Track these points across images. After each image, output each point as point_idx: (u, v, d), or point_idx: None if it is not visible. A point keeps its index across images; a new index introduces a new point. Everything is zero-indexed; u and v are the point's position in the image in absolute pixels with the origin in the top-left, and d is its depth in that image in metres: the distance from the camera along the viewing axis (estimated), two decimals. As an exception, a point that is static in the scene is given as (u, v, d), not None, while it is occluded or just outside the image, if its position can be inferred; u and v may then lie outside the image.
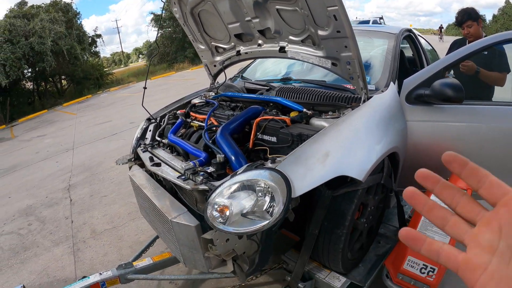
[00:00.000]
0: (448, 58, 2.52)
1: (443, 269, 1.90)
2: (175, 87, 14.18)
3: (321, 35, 2.29)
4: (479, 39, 2.64)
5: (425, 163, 2.41)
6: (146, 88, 3.03)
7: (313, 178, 1.77)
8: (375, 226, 2.51)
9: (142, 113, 3.21)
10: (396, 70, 2.76)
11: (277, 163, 1.78)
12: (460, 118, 2.45)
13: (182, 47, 27.16)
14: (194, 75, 19.04)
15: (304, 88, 2.68)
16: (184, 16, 3.12)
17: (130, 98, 14.58)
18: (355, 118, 2.14)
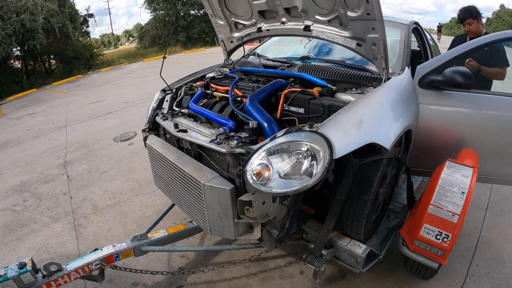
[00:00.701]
0: (458, 49, 2.73)
1: (456, 236, 2.04)
2: (169, 69, 14.06)
3: (350, 16, 2.38)
4: (485, 35, 2.84)
5: (431, 144, 2.76)
6: (166, 57, 3.08)
7: (351, 142, 1.88)
8: (387, 201, 2.68)
9: (137, 94, 3.24)
10: (409, 56, 2.96)
11: (316, 128, 1.87)
12: (467, 104, 2.68)
13: (175, 31, 26.91)
14: (187, 58, 18.95)
15: (326, 66, 2.77)
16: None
17: (123, 78, 14.42)
18: (380, 93, 2.29)
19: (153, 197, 3.97)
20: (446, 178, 2.16)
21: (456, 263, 2.86)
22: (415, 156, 2.86)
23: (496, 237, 3.28)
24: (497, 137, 2.73)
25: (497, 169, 2.89)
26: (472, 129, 2.73)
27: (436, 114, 2.72)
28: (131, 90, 10.85)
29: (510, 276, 2.83)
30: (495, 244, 3.18)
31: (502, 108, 2.68)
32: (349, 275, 2.72)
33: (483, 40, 2.70)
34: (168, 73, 10.55)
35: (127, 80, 13.59)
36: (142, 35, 30.00)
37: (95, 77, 16.73)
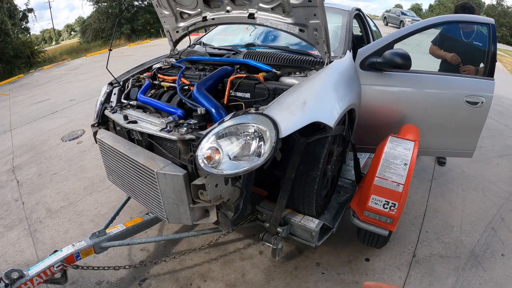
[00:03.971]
0: (397, 32, 2.95)
1: (402, 204, 2.21)
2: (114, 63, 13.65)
3: (293, 3, 2.47)
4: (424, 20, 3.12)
5: (374, 122, 2.96)
6: (112, 50, 3.02)
7: (296, 122, 1.99)
8: (336, 177, 2.84)
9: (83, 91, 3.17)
10: (350, 40, 3.12)
11: (262, 110, 1.95)
12: (407, 83, 2.92)
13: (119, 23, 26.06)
14: (132, 51, 18.43)
15: (270, 52, 2.85)
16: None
17: (67, 75, 13.86)
18: (322, 75, 2.43)
19: (107, 194, 3.91)
20: (389, 152, 2.31)
21: (407, 231, 3.06)
22: (360, 134, 3.05)
23: (442, 205, 3.53)
24: (435, 113, 2.99)
25: (437, 142, 3.13)
26: (412, 106, 2.96)
27: (377, 93, 2.91)
28: (76, 87, 10.43)
29: (458, 239, 3.08)
30: (442, 211, 3.42)
31: (439, 85, 2.93)
32: (306, 251, 2.85)
33: (421, 24, 2.94)
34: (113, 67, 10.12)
35: (71, 77, 13.07)
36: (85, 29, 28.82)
37: (38, 76, 15.92)
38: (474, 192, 3.91)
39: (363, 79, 2.88)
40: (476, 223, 3.35)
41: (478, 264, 2.85)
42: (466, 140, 3.13)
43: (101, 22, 26.86)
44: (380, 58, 2.76)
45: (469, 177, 4.24)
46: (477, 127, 3.07)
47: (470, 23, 3.34)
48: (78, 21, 38.81)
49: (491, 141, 5.84)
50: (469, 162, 4.58)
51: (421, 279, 2.66)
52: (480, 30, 3.30)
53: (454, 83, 2.96)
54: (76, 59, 20.00)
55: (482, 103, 2.93)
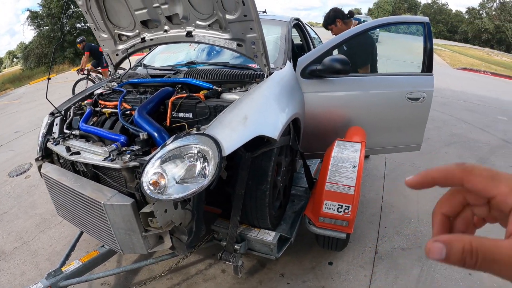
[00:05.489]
0: (335, 39, 3.03)
1: (356, 205, 2.24)
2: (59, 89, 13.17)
3: (229, 19, 2.48)
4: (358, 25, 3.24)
5: (320, 129, 3.01)
6: (50, 79, 2.92)
7: (238, 138, 1.98)
8: (288, 187, 2.85)
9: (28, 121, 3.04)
10: (290, 50, 3.16)
11: (203, 130, 1.94)
12: (349, 87, 2.99)
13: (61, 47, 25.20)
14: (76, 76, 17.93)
15: (210, 69, 2.85)
16: (87, 3, 3.00)
17: (10, 106, 13.24)
18: (263, 88, 2.44)
19: (60, 230, 3.74)
20: (337, 156, 2.35)
21: (366, 230, 3.12)
22: (308, 141, 3.08)
23: (397, 199, 3.63)
24: (379, 112, 3.09)
25: (385, 140, 3.23)
26: (356, 108, 3.04)
27: (321, 100, 2.96)
28: (21, 118, 10.00)
29: (417, 230, 3.18)
30: (398, 205, 3.52)
31: (380, 86, 3.05)
32: (268, 263, 2.84)
33: (358, 28, 3.04)
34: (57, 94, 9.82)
35: (15, 107, 12.50)
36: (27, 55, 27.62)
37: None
38: (427, 183, 4.04)
39: (305, 87, 2.92)
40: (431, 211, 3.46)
41: None
42: (412, 134, 3.25)
43: (43, 47, 25.85)
44: (320, 65, 2.81)
45: (420, 169, 4.32)
46: (421, 121, 3.19)
47: (405, 23, 3.49)
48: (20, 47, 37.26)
49: (438, 132, 6.10)
50: (419, 155, 4.72)
51: (386, 274, 2.71)
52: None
53: (395, 82, 3.08)
54: (19, 88, 19.15)
55: (424, 98, 3.05)
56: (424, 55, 3.14)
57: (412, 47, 3.45)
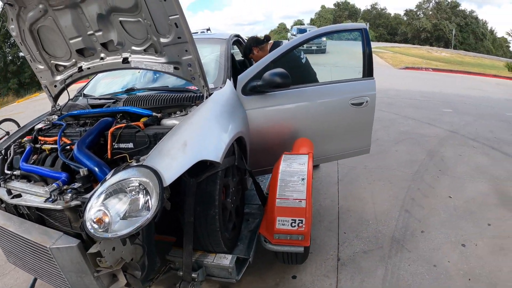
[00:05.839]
0: (273, 53, 3.03)
1: (309, 218, 2.24)
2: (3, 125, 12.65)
3: (163, 43, 2.46)
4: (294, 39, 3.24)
5: (267, 144, 3.00)
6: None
7: (179, 166, 1.94)
8: (240, 206, 2.82)
9: None
10: (230, 69, 3.16)
11: (142, 161, 1.90)
12: (291, 99, 3.01)
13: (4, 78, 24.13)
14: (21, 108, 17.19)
15: (150, 95, 2.80)
16: (21, 34, 2.89)
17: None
18: (202, 111, 2.42)
19: (15, 275, 3.51)
20: (285, 170, 2.35)
21: (326, 238, 3.13)
22: (256, 158, 3.06)
23: (353, 203, 3.69)
24: (325, 121, 3.14)
25: (334, 147, 3.28)
26: (301, 120, 3.06)
27: (265, 115, 2.97)
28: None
29: (376, 230, 3.24)
30: (355, 209, 3.57)
31: (323, 95, 3.09)
32: (231, 286, 2.77)
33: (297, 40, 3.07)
34: (1, 130, 9.14)
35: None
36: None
37: None
38: (381, 183, 4.15)
39: (247, 104, 2.92)
40: (389, 210, 3.56)
41: (402, 247, 3.02)
42: (360, 138, 3.32)
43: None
44: (260, 81, 2.82)
45: (372, 170, 4.52)
46: (367, 125, 3.27)
47: (343, 31, 3.58)
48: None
49: (386, 132, 6.30)
50: (370, 156, 4.81)
51: (352, 280, 2.72)
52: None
53: (337, 89, 3.14)
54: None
55: (367, 102, 3.13)
56: (364, 60, 3.23)
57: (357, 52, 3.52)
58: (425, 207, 3.70)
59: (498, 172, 4.80)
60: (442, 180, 4.41)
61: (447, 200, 3.88)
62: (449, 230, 3.31)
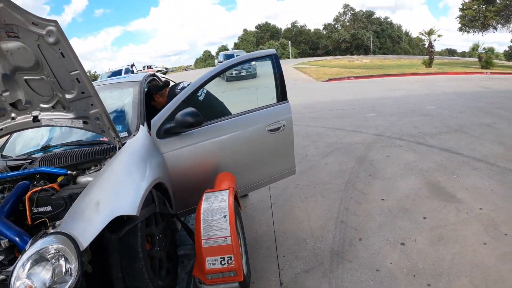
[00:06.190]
0: (184, 92, 3.05)
1: (237, 253, 2.25)
2: None
3: (69, 98, 2.46)
4: (211, 69, 3.27)
5: (191, 183, 2.98)
6: None
7: (94, 227, 1.90)
8: (172, 250, 2.75)
9: None
10: (143, 113, 3.17)
11: (58, 227, 1.88)
12: (207, 136, 3.04)
13: None
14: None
15: (65, 152, 2.76)
16: None
17: None
18: (114, 164, 2.39)
19: None
20: (207, 210, 2.36)
21: (266, 264, 3.12)
22: (182, 199, 3.05)
23: (289, 224, 3.73)
24: (245, 152, 3.18)
25: (258, 176, 3.33)
26: (220, 154, 3.10)
27: (183, 155, 2.96)
28: None
29: (315, 247, 3.28)
30: (291, 230, 3.61)
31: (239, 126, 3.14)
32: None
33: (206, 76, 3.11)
34: None
35: None
36: None
37: None
38: (313, 199, 4.25)
39: (164, 148, 2.91)
40: (325, 225, 3.63)
41: (342, 259, 3.07)
42: (284, 162, 3.40)
43: None
44: (173, 122, 2.84)
45: (304, 188, 4.61)
46: (288, 147, 3.36)
47: (253, 60, 3.69)
48: None
49: (314, 146, 6.49)
50: (301, 174, 4.98)
51: (297, 301, 2.71)
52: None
53: (252, 119, 3.20)
54: None
55: (284, 126, 3.22)
56: (277, 85, 3.33)
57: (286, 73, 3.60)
58: (360, 214, 3.81)
59: (426, 165, 5.12)
60: (373, 184, 4.59)
61: (380, 203, 4.03)
62: (387, 232, 3.43)
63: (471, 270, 2.80)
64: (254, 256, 3.19)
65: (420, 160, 5.34)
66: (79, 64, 2.23)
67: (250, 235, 3.52)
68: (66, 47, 2.17)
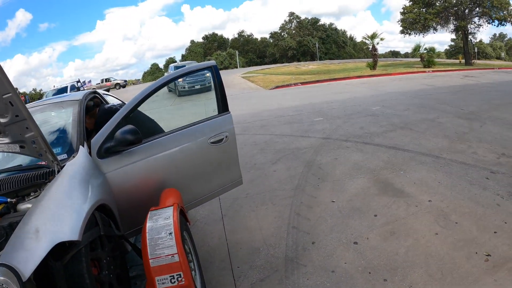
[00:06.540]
0: (123, 109, 2.98)
1: (186, 270, 2.22)
2: None
3: (3, 122, 2.35)
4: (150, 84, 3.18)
5: (137, 202, 2.92)
6: None
7: (35, 256, 1.85)
8: (122, 273, 2.67)
9: None
10: (83, 133, 3.07)
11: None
12: (149, 153, 2.98)
13: None
14: None
15: (4, 178, 2.65)
16: None
17: None
18: (53, 189, 2.31)
19: None
20: (152, 228, 2.32)
21: (221, 277, 3.11)
22: (131, 217, 2.97)
23: (241, 235, 3.73)
24: (188, 166, 3.16)
25: (205, 189, 3.31)
26: (163, 170, 3.05)
27: (126, 174, 2.89)
28: None
29: (269, 255, 3.30)
30: (243, 240, 3.61)
31: (181, 140, 3.10)
32: None
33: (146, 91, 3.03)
34: None
35: None
36: None
37: None
38: (264, 207, 4.29)
39: (106, 167, 2.83)
40: (277, 232, 3.67)
41: (297, 264, 3.11)
42: (229, 173, 3.40)
43: None
44: (113, 141, 2.77)
45: (254, 196, 4.64)
46: (232, 158, 3.37)
47: (193, 72, 3.65)
48: None
49: (262, 154, 6.54)
50: (250, 182, 5.04)
51: (256, 311, 2.71)
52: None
53: (194, 132, 3.17)
54: None
55: (227, 137, 3.22)
56: (217, 96, 3.32)
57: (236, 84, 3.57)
58: (311, 218, 3.89)
59: (374, 163, 5.32)
60: (323, 187, 4.70)
61: (331, 205, 4.13)
62: (339, 233, 3.51)
63: (426, 260, 2.94)
64: (208, 270, 3.17)
65: (368, 160, 5.54)
66: (11, 87, 2.14)
67: (202, 249, 3.49)
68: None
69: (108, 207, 2.66)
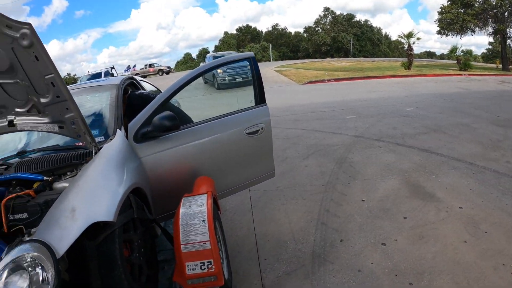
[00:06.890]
0: (161, 96, 3.01)
1: (217, 258, 2.23)
2: None
3: (44, 102, 2.41)
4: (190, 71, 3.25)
5: (170, 188, 2.96)
6: None
7: (69, 234, 1.87)
8: (152, 256, 2.71)
9: None
10: (120, 117, 3.14)
11: (33, 234, 1.85)
12: (185, 140, 3.01)
13: None
14: None
15: (41, 157, 2.71)
16: None
17: None
18: (90, 170, 2.35)
19: None
20: (185, 214, 2.34)
21: (247, 268, 3.11)
22: (162, 203, 3.01)
23: (269, 227, 3.72)
24: (223, 155, 3.17)
25: (238, 179, 3.32)
26: (199, 158, 3.08)
27: (162, 159, 2.93)
28: None
29: (296, 250, 3.28)
30: (271, 233, 3.60)
31: (217, 130, 3.12)
32: None
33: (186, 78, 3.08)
34: None
35: None
36: None
37: None
38: (294, 201, 4.26)
39: (142, 152, 2.87)
40: (305, 227, 3.64)
41: (324, 260, 3.08)
42: (263, 165, 3.40)
43: None
44: (150, 126, 2.81)
45: (284, 190, 4.62)
46: (266, 150, 3.36)
47: (231, 62, 3.67)
48: None
49: (294, 149, 6.51)
50: (281, 176, 5.00)
51: (280, 304, 2.70)
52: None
53: (231, 122, 3.18)
54: None
55: (263, 129, 3.21)
56: (255, 88, 3.32)
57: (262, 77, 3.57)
58: (341, 215, 3.84)
59: (405, 165, 5.20)
60: (353, 185, 4.63)
61: (361, 204, 4.07)
62: (367, 232, 3.46)
63: (453, 267, 2.86)
64: (235, 259, 3.17)
65: (399, 161, 5.42)
66: (53, 68, 2.20)
67: (231, 239, 3.50)
68: (40, 50, 2.13)
69: (142, 191, 2.70)
